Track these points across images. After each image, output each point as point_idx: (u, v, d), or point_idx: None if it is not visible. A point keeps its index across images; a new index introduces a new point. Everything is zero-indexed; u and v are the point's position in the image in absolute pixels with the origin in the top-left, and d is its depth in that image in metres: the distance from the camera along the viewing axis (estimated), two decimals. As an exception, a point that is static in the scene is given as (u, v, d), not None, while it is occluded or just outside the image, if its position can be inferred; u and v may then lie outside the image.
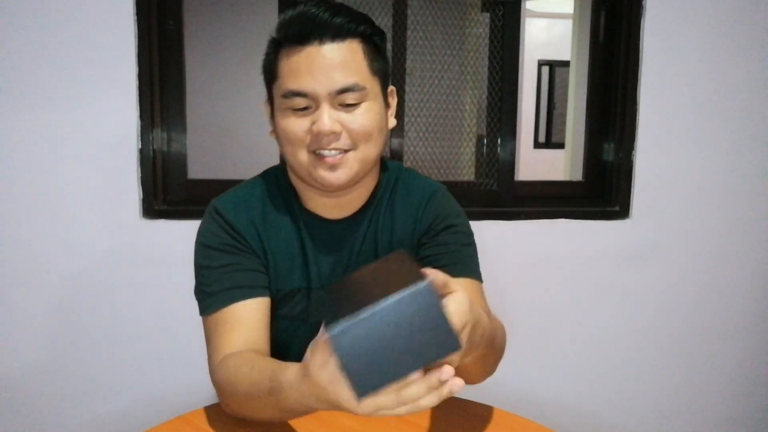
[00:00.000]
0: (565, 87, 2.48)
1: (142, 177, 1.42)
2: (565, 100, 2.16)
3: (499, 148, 1.67)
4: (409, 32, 1.62)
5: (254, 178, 0.94)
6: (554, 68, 4.69)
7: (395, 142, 1.64)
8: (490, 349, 0.71)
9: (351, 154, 0.81)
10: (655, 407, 1.72)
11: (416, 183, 0.94)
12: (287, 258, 0.88)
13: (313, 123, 0.78)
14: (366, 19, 0.82)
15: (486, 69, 1.67)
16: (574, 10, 1.89)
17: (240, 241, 0.86)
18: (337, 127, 0.78)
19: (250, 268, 0.86)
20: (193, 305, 1.39)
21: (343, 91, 0.77)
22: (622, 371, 1.69)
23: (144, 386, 1.49)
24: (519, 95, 1.70)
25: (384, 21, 1.61)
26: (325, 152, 0.80)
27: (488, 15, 1.65)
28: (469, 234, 0.94)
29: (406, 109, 1.65)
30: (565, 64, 4.40)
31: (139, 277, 1.44)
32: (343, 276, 0.87)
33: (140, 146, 1.41)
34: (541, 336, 1.65)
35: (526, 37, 1.90)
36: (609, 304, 1.66)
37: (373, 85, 0.81)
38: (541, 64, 4.67)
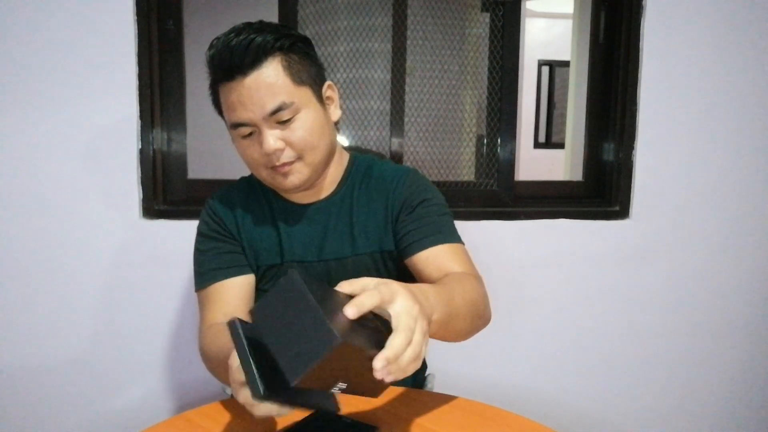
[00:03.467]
0: (565, 87, 2.48)
1: (142, 177, 1.42)
2: (565, 100, 2.16)
3: (499, 148, 1.67)
4: (409, 32, 1.62)
5: (241, 178, 1.07)
6: (554, 68, 4.68)
7: (395, 142, 1.64)
8: (466, 311, 0.80)
9: (297, 163, 0.90)
10: (655, 406, 1.72)
11: (389, 167, 1.04)
12: (263, 239, 1.00)
13: (261, 146, 0.88)
14: (283, 33, 0.87)
15: (486, 69, 1.67)
16: (574, 10, 1.89)
17: (222, 227, 1.00)
18: (280, 144, 0.87)
19: (232, 251, 0.99)
20: (193, 305, 1.40)
21: (275, 111, 0.85)
22: (622, 371, 1.69)
23: (144, 385, 1.49)
24: (519, 95, 1.69)
25: (384, 21, 1.61)
26: (278, 164, 0.90)
27: (488, 15, 1.65)
28: (443, 205, 1.02)
29: (406, 109, 1.65)
30: (565, 64, 4.40)
31: (139, 277, 1.45)
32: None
33: (140, 146, 1.41)
34: (540, 336, 1.65)
35: (526, 37, 1.89)
36: (609, 303, 1.66)
37: (301, 95, 0.88)
38: (541, 64, 4.67)
